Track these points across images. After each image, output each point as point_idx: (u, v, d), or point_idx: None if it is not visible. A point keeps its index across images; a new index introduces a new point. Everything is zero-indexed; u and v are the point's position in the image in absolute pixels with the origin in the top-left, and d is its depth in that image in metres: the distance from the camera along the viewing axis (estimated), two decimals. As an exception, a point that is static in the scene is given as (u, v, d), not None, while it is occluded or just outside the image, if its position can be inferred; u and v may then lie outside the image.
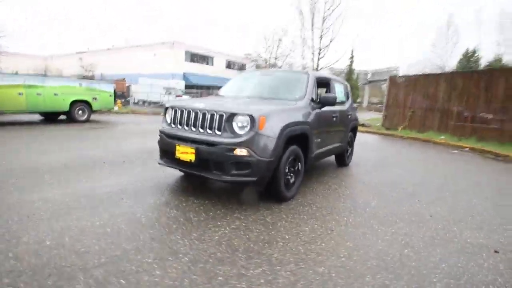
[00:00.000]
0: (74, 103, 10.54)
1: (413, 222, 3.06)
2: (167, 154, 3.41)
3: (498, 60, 34.96)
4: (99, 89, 11.42)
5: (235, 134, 2.96)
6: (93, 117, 11.60)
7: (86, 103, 10.96)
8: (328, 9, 17.29)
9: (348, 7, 17.65)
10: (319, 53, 18.08)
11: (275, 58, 29.53)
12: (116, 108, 13.19)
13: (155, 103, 23.60)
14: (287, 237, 2.56)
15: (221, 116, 3.03)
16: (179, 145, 3.18)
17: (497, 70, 13.30)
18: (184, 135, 3.21)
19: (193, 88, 27.60)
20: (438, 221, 3.14)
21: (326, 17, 17.42)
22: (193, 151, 3.05)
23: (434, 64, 42.57)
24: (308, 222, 2.90)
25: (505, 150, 8.38)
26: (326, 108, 4.04)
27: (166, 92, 24.91)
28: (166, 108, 3.63)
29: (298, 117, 3.46)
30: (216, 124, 3.04)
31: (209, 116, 3.10)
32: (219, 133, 3.02)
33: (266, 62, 30.05)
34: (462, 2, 58.26)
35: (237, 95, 4.20)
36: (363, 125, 14.97)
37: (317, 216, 3.07)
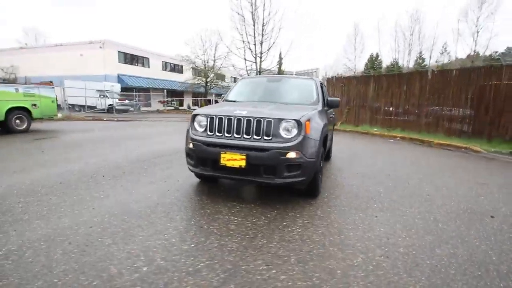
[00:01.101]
0: (10, 111, 8.77)
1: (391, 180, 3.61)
2: (206, 162, 3.26)
3: (395, 63, 41.22)
4: (39, 95, 9.71)
5: (284, 139, 3.02)
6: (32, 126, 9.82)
7: (25, 110, 9.23)
8: (268, 15, 17.99)
9: (285, 16, 18.50)
10: (261, 57, 18.73)
11: (214, 60, 29.19)
12: (60, 115, 11.40)
13: (91, 107, 21.00)
14: (349, 226, 2.77)
15: (269, 122, 3.05)
16: (224, 153, 3.07)
17: (414, 72, 15.75)
18: (231, 142, 3.11)
19: (131, 90, 25.36)
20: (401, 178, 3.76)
21: (266, 24, 18.08)
22: (244, 157, 3.00)
23: (346, 66, 47.91)
24: (350, 211, 3.17)
25: (425, 137, 10.15)
26: (330, 110, 4.37)
27: (100, 96, 22.40)
28: (195, 116, 3.45)
29: (324, 119, 3.70)
30: (264, 130, 3.05)
31: (255, 122, 3.08)
32: (268, 138, 3.04)
33: (205, 64, 29.47)
34: (367, 13, 67.03)
35: (254, 100, 4.18)
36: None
37: (347, 204, 3.36)
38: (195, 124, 3.43)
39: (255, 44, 18.32)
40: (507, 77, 9.18)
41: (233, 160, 3.05)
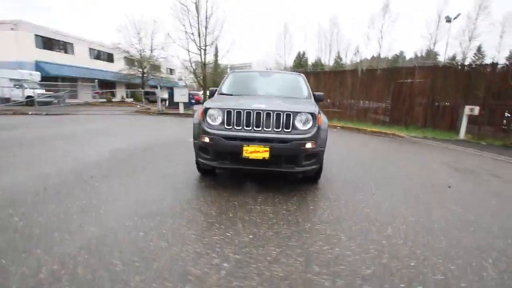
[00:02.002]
0: None
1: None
2: (226, 155, 3.17)
3: (319, 61, 44.83)
4: None
5: (301, 130, 3.15)
6: None
7: None
8: (211, 7, 17.41)
9: (229, 9, 18.02)
10: (205, 50, 18.10)
11: (151, 50, 26.88)
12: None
13: (3, 99, 17.16)
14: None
15: (288, 115, 3.12)
16: (247, 145, 3.04)
17: (347, 71, 17.26)
18: (253, 135, 3.08)
19: (54, 80, 21.56)
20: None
21: (209, 16, 17.48)
22: (267, 149, 3.02)
23: (277, 62, 50.10)
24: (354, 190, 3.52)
25: (360, 126, 11.56)
26: (314, 104, 4.64)
27: (15, 86, 18.49)
28: (207, 109, 3.28)
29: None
30: (283, 122, 3.11)
31: (274, 115, 3.11)
32: (287, 130, 3.12)
33: (140, 54, 26.92)
34: (295, 14, 70.89)
35: (251, 94, 4.14)
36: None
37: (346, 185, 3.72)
38: (208, 118, 3.27)
39: (199, 36, 17.61)
40: (419, 76, 11.10)
41: (256, 152, 3.04)
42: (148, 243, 2.09)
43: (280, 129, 3.12)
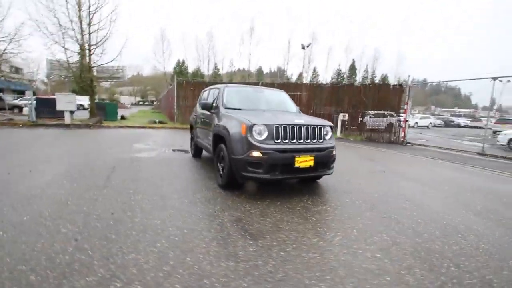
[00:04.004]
0: None
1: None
2: (279, 167, 3.30)
3: (198, 70, 45.34)
4: None
5: (327, 141, 3.73)
6: None
7: None
8: (94, 3, 14.37)
9: (118, 7, 15.04)
10: (90, 50, 14.77)
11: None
12: None
13: None
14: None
15: (320, 128, 3.62)
16: (298, 156, 3.32)
17: (251, 82, 18.56)
18: (302, 146, 3.38)
19: None
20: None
21: (92, 12, 14.40)
22: (312, 158, 3.42)
23: (155, 67, 47.06)
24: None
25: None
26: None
27: None
28: (253, 125, 3.29)
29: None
30: (317, 134, 3.58)
31: (311, 129, 3.53)
32: (321, 141, 3.62)
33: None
34: (173, 22, 67.78)
35: (258, 109, 4.25)
36: (160, 122, 15.16)
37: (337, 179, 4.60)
38: (254, 133, 3.30)
39: (82, 34, 14.15)
40: (305, 90, 13.78)
41: (305, 161, 3.39)
42: None
43: (316, 140, 3.58)
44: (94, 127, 12.04)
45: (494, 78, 8.69)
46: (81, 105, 22.80)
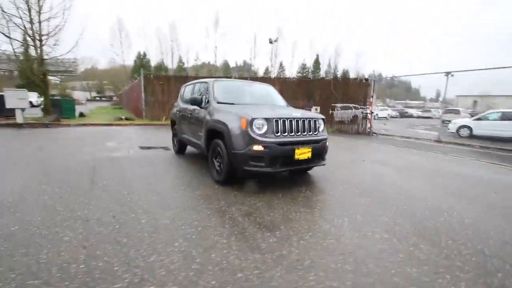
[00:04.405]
0: None
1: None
2: (280, 160, 3.35)
3: (162, 63, 43.28)
4: None
5: (321, 133, 3.87)
6: None
7: None
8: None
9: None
10: (41, 41, 13.14)
11: None
12: None
13: None
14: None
15: (315, 121, 3.75)
16: (298, 148, 3.41)
17: (223, 77, 18.08)
18: (301, 139, 3.48)
19: None
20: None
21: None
22: (310, 149, 3.54)
23: (113, 60, 43.93)
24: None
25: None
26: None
27: None
28: (253, 119, 3.29)
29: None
30: (313, 127, 3.70)
31: (307, 122, 3.64)
32: (316, 133, 3.75)
33: None
34: (131, 12, 62.83)
35: (249, 103, 4.25)
36: (127, 118, 14.26)
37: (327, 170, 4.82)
38: (254, 127, 3.30)
39: (31, 22, 12.48)
40: (278, 84, 13.97)
41: (303, 153, 3.50)
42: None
43: (311, 132, 3.70)
44: (52, 126, 10.91)
45: (447, 73, 9.72)
46: (29, 101, 20.43)
